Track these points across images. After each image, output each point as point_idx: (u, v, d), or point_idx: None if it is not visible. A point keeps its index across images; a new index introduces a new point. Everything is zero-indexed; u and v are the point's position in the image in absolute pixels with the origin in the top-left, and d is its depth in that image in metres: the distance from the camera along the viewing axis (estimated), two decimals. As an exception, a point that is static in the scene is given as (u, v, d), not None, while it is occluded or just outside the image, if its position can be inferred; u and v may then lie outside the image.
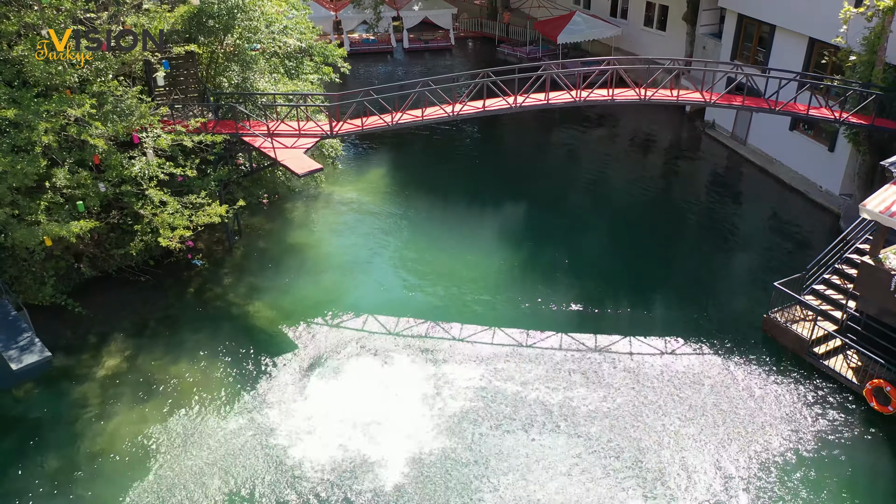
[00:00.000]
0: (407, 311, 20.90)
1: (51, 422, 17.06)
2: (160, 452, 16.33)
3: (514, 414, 17.08)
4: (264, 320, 20.62)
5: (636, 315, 20.50)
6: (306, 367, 18.76)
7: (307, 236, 24.68)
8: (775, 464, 15.68)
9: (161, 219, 18.59)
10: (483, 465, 15.76)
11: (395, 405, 17.44)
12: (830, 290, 19.03)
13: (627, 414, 17.04)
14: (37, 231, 16.20)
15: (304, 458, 16.03)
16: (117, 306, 20.59)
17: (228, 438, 16.60)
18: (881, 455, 15.82)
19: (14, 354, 15.29)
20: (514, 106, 20.81)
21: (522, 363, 18.70)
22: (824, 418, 16.71)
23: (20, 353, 15.38)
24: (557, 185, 28.21)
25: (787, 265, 21.69)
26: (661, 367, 18.46)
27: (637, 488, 15.15)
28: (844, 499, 14.91)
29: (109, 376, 18.33)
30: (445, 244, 24.04)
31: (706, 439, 16.27)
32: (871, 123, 20.75)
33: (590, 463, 15.75)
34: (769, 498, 14.95)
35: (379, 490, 15.22)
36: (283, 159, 19.89)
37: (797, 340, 18.07)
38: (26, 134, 16.12)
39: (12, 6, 17.00)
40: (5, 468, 15.94)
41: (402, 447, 16.22)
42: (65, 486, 15.59)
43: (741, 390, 17.59)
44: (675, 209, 26.67)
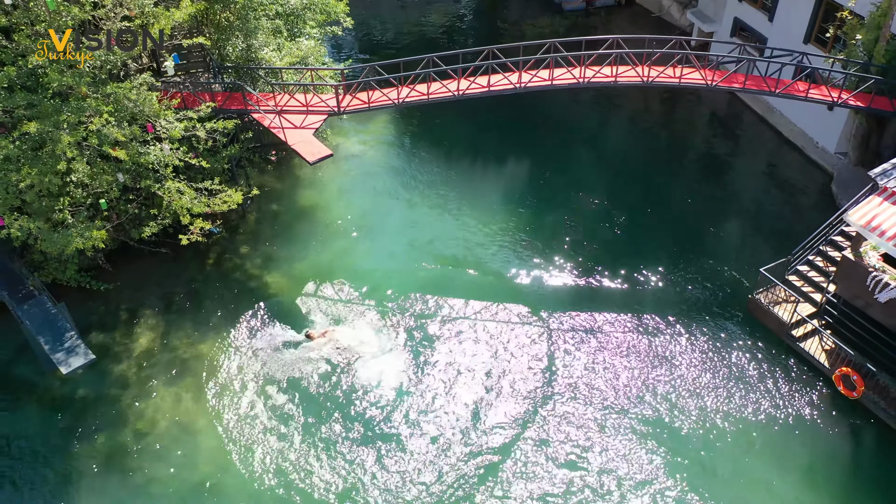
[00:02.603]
0: (414, 278, 22.28)
1: (96, 402, 18.84)
2: (197, 430, 18.23)
3: (501, 379, 18.91)
4: (281, 292, 21.98)
5: (624, 283, 21.92)
6: (325, 340, 20.29)
7: (317, 197, 25.52)
8: (741, 433, 17.71)
9: (179, 203, 19.44)
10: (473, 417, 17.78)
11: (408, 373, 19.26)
12: (813, 271, 20.26)
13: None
14: (63, 239, 17.12)
15: (334, 429, 17.99)
16: (142, 280, 21.85)
17: (256, 414, 18.46)
18: (841, 435, 17.75)
19: (61, 357, 16.76)
20: (519, 86, 21.08)
21: (512, 328, 20.35)
22: (794, 397, 18.52)
23: (67, 355, 16.84)
24: (557, 133, 28.61)
25: (774, 234, 22.96)
26: (639, 344, 20.07)
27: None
28: (805, 469, 16.99)
29: (143, 355, 19.94)
30: (451, 204, 25.00)
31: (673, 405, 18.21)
32: (868, 106, 21.13)
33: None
34: (728, 460, 17.15)
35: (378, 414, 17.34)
36: (294, 143, 20.46)
37: (778, 323, 19.54)
38: (50, 147, 16.72)
39: (20, 13, 17.02)
40: (63, 448, 17.89)
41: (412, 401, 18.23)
42: (117, 464, 17.60)
43: (720, 365, 19.31)
44: (670, 159, 27.31)
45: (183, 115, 19.56)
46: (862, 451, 17.33)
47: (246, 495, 16.96)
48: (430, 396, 18.84)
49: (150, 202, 20.34)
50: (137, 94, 18.12)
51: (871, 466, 17.09)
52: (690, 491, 16.71)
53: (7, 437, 18.04)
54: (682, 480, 16.89)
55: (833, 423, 17.90)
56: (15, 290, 18.92)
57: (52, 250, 17.37)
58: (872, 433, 17.57)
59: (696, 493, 16.66)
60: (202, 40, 19.29)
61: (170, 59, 18.94)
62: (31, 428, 18.30)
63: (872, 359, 18.23)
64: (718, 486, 16.84)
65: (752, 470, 17.12)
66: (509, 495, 16.71)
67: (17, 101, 17.08)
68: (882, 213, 16.38)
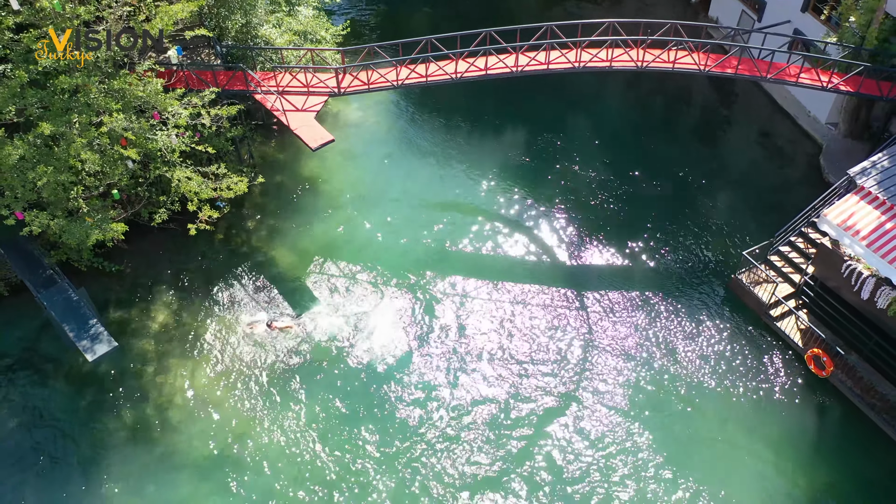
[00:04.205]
0: (415, 249, 23.35)
1: (118, 377, 20.18)
2: (213, 404, 19.64)
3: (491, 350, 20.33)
4: (288, 266, 23.04)
5: (613, 257, 23.00)
6: (331, 313, 21.53)
7: (318, 167, 26.19)
8: (716, 406, 19.23)
9: (187, 187, 20.24)
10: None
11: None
12: (794, 252, 21.25)
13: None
14: (82, 232, 18.03)
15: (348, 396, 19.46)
16: (154, 257, 22.85)
17: (268, 388, 19.87)
18: (810, 411, 19.20)
19: (86, 345, 17.98)
20: (516, 70, 21.47)
21: (508, 300, 21.60)
22: (768, 375, 19.89)
23: (92, 343, 18.05)
24: (556, 99, 28.96)
25: (762, 209, 23.86)
26: (621, 317, 21.31)
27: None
28: (774, 442, 18.54)
29: (160, 331, 21.18)
30: (450, 171, 25.80)
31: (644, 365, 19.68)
32: (856, 91, 21.55)
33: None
34: (702, 431, 18.77)
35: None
36: (297, 128, 21.05)
37: (757, 302, 20.69)
38: (64, 146, 17.40)
39: (28, 11, 17.34)
40: (90, 421, 19.34)
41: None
42: (141, 436, 19.09)
43: (700, 341, 20.62)
44: (664, 125, 27.83)
45: (188, 102, 20.09)
46: (827, 427, 18.83)
47: (260, 466, 18.49)
48: (430, 368, 20.22)
49: (158, 188, 21.10)
50: (145, 90, 18.62)
51: (835, 441, 18.61)
52: (664, 458, 18.27)
53: (40, 412, 19.45)
54: (658, 450, 18.42)
55: (803, 400, 19.32)
56: (35, 273, 19.93)
57: (72, 242, 18.28)
58: (838, 411, 19.02)
59: (671, 461, 18.22)
60: (204, 32, 19.58)
61: (173, 49, 19.30)
62: (60, 402, 19.67)
63: (843, 339, 19.51)
64: (691, 455, 18.40)
65: (724, 441, 18.66)
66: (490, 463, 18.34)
67: (29, 100, 17.64)
68: (858, 213, 17.22)
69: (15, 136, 17.52)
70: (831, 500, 17.64)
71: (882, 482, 17.88)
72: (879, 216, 16.98)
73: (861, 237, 16.98)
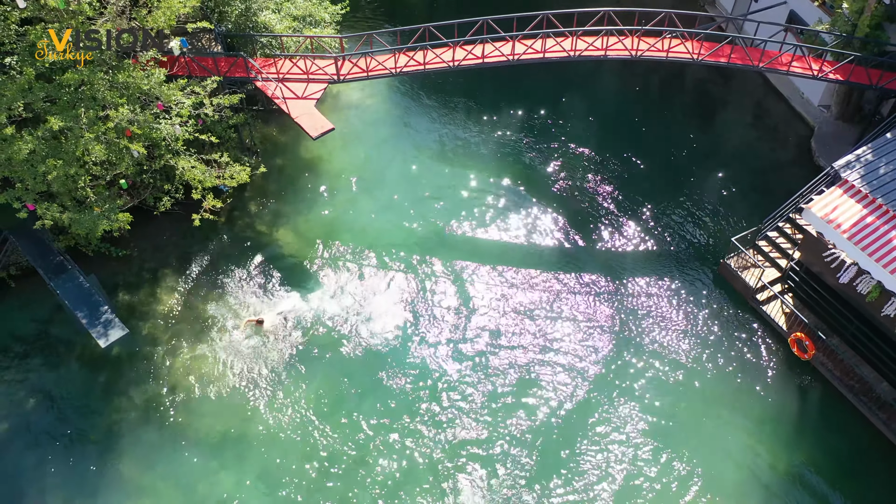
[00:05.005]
0: (413, 230, 24.04)
1: (130, 359, 21.01)
2: (221, 384, 20.49)
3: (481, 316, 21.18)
4: (290, 248, 23.72)
5: (606, 237, 23.68)
6: (332, 295, 22.32)
7: (319, 149, 26.63)
8: (701, 385, 20.13)
9: (191, 175, 20.80)
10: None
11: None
12: (782, 237, 21.87)
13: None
14: (91, 222, 18.66)
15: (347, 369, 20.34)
16: (160, 241, 23.50)
17: (273, 368, 20.73)
18: (791, 392, 20.08)
19: (99, 331, 18.77)
20: (512, 58, 21.82)
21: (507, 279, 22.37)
22: (753, 356, 20.72)
23: (104, 329, 18.84)
24: (554, 79, 29.18)
25: (753, 192, 24.45)
26: (611, 297, 22.09)
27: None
28: (755, 420, 19.45)
29: (168, 314, 21.96)
30: (449, 152, 26.33)
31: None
32: (846, 79, 21.91)
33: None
34: (686, 409, 19.72)
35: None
36: (297, 116, 21.49)
37: (745, 286, 21.40)
38: (72, 141, 17.92)
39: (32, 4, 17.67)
40: (104, 401, 20.23)
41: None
42: (153, 416, 20.01)
43: (687, 323, 21.41)
44: (660, 105, 28.19)
45: (190, 91, 20.49)
46: (807, 408, 19.72)
47: (267, 442, 19.43)
48: (428, 347, 21.08)
49: (162, 174, 21.64)
50: (149, 82, 19.03)
51: (814, 421, 19.52)
52: (651, 434, 19.22)
53: (56, 393, 20.32)
54: (645, 426, 19.35)
55: (785, 382, 20.18)
56: (46, 260, 20.62)
57: (82, 232, 18.92)
58: (819, 392, 19.89)
59: (657, 437, 19.16)
60: (206, 24, 19.89)
61: (176, 41, 19.64)
62: (75, 383, 20.51)
63: (826, 322, 20.29)
64: (677, 431, 19.33)
65: (709, 419, 19.58)
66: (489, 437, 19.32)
67: (37, 93, 18.08)
68: (841, 207, 17.80)
69: (24, 131, 18.01)
70: (809, 475, 18.62)
71: (856, 459, 18.84)
72: (861, 210, 17.56)
73: (843, 230, 17.58)
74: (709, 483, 18.39)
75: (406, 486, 18.49)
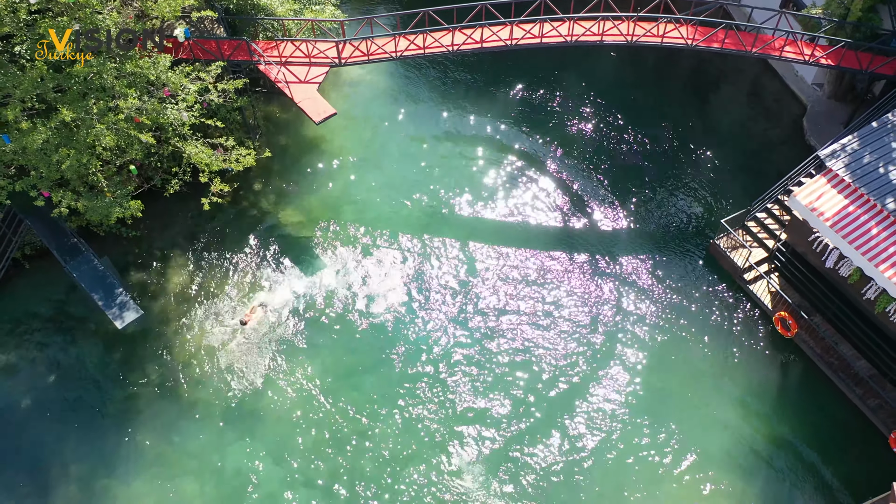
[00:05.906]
0: (414, 209, 24.77)
1: (143, 337, 21.98)
2: (230, 360, 21.48)
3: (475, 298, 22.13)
4: (294, 226, 24.49)
5: (600, 217, 24.45)
6: (335, 273, 23.17)
7: (321, 127, 26.91)
8: (688, 360, 21.12)
9: (198, 159, 21.41)
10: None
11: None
12: (770, 218, 22.62)
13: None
14: (104, 209, 19.38)
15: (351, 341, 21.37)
16: (168, 220, 24.24)
17: (281, 344, 21.72)
18: (774, 368, 21.11)
19: (115, 313, 19.68)
20: (510, 43, 22.22)
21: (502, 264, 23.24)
22: (739, 334, 21.68)
23: (120, 311, 19.75)
24: (553, 56, 29.49)
25: (744, 171, 25.10)
26: (605, 276, 22.96)
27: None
28: (739, 395, 20.50)
29: (178, 292, 22.83)
30: (447, 133, 26.83)
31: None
32: (837, 64, 22.34)
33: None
34: (672, 383, 20.74)
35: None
36: (300, 101, 21.99)
37: (733, 266, 22.23)
38: (84, 132, 18.51)
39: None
40: (120, 377, 21.26)
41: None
42: (167, 390, 21.07)
43: (677, 301, 22.32)
44: (656, 82, 28.58)
45: (196, 76, 20.95)
46: (789, 383, 20.78)
47: (276, 416, 20.51)
48: (429, 322, 22.05)
49: (171, 159, 22.25)
50: (155, 69, 19.51)
51: (795, 396, 20.59)
52: (639, 407, 20.33)
53: (75, 368, 21.33)
54: (633, 400, 20.44)
55: (769, 358, 21.19)
56: (60, 241, 21.37)
57: (96, 219, 19.66)
58: (800, 368, 20.92)
59: (644, 411, 20.26)
60: (209, 13, 20.26)
61: (180, 29, 20.02)
62: (93, 359, 21.52)
63: (810, 301, 21.19)
64: (663, 404, 20.43)
65: (694, 393, 20.65)
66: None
67: (48, 84, 18.60)
68: (825, 196, 18.49)
69: (36, 121, 18.58)
70: (789, 447, 19.76)
71: (834, 431, 19.96)
72: (843, 199, 18.25)
73: (825, 219, 18.30)
74: (696, 451, 19.56)
75: (410, 456, 19.64)
